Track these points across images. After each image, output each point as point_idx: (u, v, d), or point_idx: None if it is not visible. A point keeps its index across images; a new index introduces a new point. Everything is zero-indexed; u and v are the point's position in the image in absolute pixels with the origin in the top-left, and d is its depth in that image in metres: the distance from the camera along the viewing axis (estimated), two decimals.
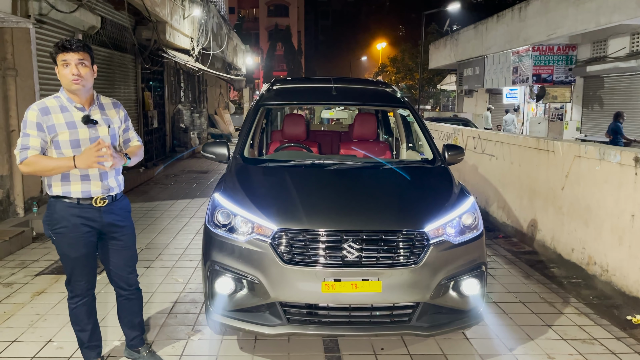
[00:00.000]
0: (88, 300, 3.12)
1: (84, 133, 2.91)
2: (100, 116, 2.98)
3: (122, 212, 3.11)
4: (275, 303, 3.10)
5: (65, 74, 2.83)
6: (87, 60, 2.88)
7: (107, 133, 2.98)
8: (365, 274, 3.03)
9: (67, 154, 2.86)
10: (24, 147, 2.82)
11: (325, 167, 3.80)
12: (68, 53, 2.81)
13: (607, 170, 4.63)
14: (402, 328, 3.14)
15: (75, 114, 2.91)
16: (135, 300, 3.30)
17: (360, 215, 3.19)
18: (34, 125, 2.83)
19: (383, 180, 3.71)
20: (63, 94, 2.93)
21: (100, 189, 2.96)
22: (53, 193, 2.94)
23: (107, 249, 3.12)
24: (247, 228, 3.21)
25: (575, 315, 4.17)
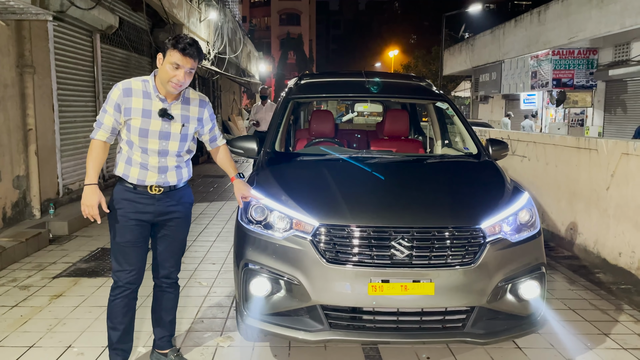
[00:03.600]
0: (129, 295, 2.92)
1: (155, 125, 2.79)
2: (180, 112, 2.85)
3: (179, 201, 2.96)
4: (316, 306, 2.83)
5: (169, 74, 2.70)
6: (195, 68, 2.75)
7: (178, 131, 2.86)
8: (416, 275, 2.76)
9: (134, 140, 2.78)
10: (98, 124, 2.80)
11: (365, 161, 3.54)
12: (185, 58, 2.68)
13: None
14: (455, 335, 2.85)
15: (155, 103, 2.79)
16: (171, 294, 3.11)
17: (410, 211, 2.92)
18: (112, 104, 2.75)
19: (430, 175, 3.44)
20: (152, 81, 2.80)
21: (156, 180, 2.85)
22: (116, 172, 2.88)
23: (157, 237, 2.97)
24: (285, 224, 2.95)
25: (632, 323, 3.85)
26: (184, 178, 2.96)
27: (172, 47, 2.65)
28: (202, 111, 2.94)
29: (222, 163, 3.18)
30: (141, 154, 2.79)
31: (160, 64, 2.72)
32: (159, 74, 2.73)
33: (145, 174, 2.81)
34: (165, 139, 2.79)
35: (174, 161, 2.86)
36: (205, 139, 3.06)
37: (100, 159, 2.80)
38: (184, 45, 2.64)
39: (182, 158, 2.90)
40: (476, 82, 24.46)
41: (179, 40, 2.66)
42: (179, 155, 2.88)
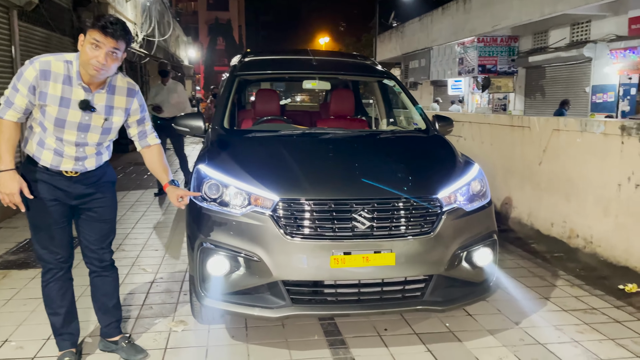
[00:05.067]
0: (62, 276, 2.74)
1: (74, 116, 2.52)
2: (104, 103, 2.58)
3: (99, 181, 2.72)
4: (277, 282, 2.78)
5: (88, 54, 2.41)
6: (121, 50, 2.48)
7: (100, 124, 2.59)
8: (377, 246, 2.77)
9: (48, 127, 2.51)
10: (8, 103, 2.46)
11: (320, 137, 3.50)
12: (106, 37, 2.38)
13: (590, 141, 4.61)
14: (415, 304, 2.90)
15: (76, 91, 2.50)
16: (109, 278, 2.91)
17: (370, 182, 2.92)
18: (26, 84, 2.43)
19: (385, 149, 3.46)
20: (76, 64, 2.49)
21: (72, 166, 2.61)
22: (26, 150, 2.59)
23: (80, 220, 2.75)
24: (243, 200, 2.86)
25: (569, 287, 4.10)
26: (104, 161, 2.74)
27: (92, 25, 2.41)
28: (131, 101, 2.66)
29: (154, 167, 2.83)
30: (56, 141, 2.53)
31: (81, 45, 2.45)
32: (80, 56, 2.46)
33: (60, 161, 2.57)
34: (84, 131, 2.55)
35: (93, 150, 2.63)
36: (133, 133, 2.76)
37: (14, 141, 2.49)
38: (105, 23, 2.39)
39: (102, 145, 2.68)
40: (406, 68, 25.05)
41: (100, 18, 2.43)
42: (100, 144, 2.65)
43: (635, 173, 4.10)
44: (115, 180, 2.91)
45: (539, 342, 3.16)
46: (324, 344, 3.11)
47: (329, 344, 3.12)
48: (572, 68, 14.90)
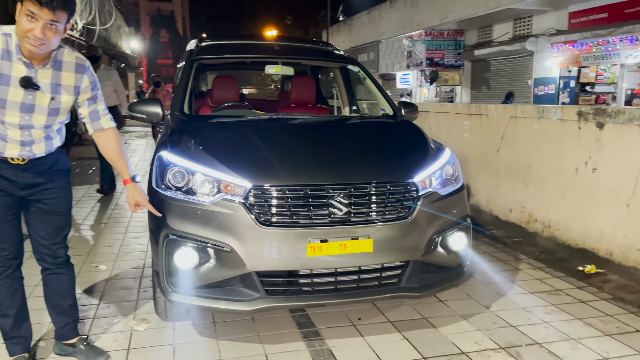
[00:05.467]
0: (11, 274, 2.51)
1: (16, 95, 2.25)
2: (49, 80, 2.31)
3: (50, 169, 2.48)
4: (251, 274, 2.64)
5: (24, 27, 2.13)
6: (62, 22, 2.19)
7: (46, 104, 2.32)
8: (354, 232, 2.68)
9: None
10: None
11: (288, 122, 3.36)
12: (41, 8, 2.10)
13: (547, 127, 4.71)
14: (392, 291, 2.84)
15: (16, 67, 2.23)
16: (64, 276, 2.68)
17: (346, 167, 2.83)
18: None
19: (357, 134, 3.37)
20: (15, 37, 2.22)
21: (19, 152, 2.36)
22: None
23: (30, 213, 2.51)
24: (211, 188, 2.70)
25: (531, 270, 4.17)
26: (55, 146, 2.50)
27: None
28: (80, 78, 2.40)
29: (111, 156, 2.59)
30: None
31: (17, 16, 2.18)
32: (16, 28, 2.20)
33: (4, 146, 2.33)
34: (28, 112, 2.30)
35: (41, 133, 2.38)
36: (84, 114, 2.48)
37: None
38: None
39: (52, 128, 2.43)
40: None
41: None
42: (49, 127, 2.40)
43: (592, 157, 4.22)
44: (70, 168, 2.67)
45: (511, 325, 3.17)
46: (298, 336, 3.00)
47: (303, 335, 3.01)
48: (515, 61, 15.40)
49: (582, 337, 3.01)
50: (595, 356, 2.80)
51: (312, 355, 2.79)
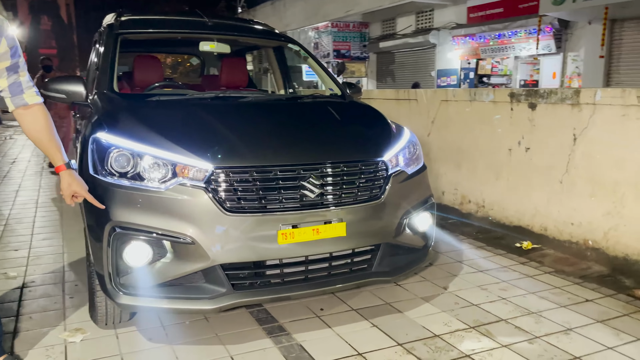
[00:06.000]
0: None
1: None
2: None
3: None
4: (215, 267, 2.35)
5: None
6: None
7: None
8: (327, 216, 2.48)
9: None
10: None
11: (239, 101, 3.07)
12: None
13: (480, 110, 4.81)
14: (364, 277, 2.68)
15: None
16: None
17: (315, 146, 2.62)
18: None
19: (314, 113, 3.15)
20: None
21: None
22: None
23: None
24: (165, 172, 2.36)
25: (474, 249, 4.24)
26: None
27: None
28: None
29: (39, 138, 2.16)
30: None
31: None
32: None
33: None
34: None
35: None
36: (3, 86, 2.07)
37: None
38: None
39: None
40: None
41: None
42: None
43: (525, 137, 4.37)
44: None
45: (472, 304, 3.16)
46: (262, 333, 2.75)
47: (267, 332, 2.76)
48: (419, 53, 15.98)
49: (541, 310, 3.06)
50: (559, 327, 2.85)
51: (282, 353, 2.56)
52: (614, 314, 3.01)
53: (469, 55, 14.11)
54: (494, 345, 2.65)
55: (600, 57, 10.22)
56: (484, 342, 2.69)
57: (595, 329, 2.83)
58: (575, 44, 11.48)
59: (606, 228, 3.75)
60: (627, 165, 3.59)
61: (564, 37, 11.67)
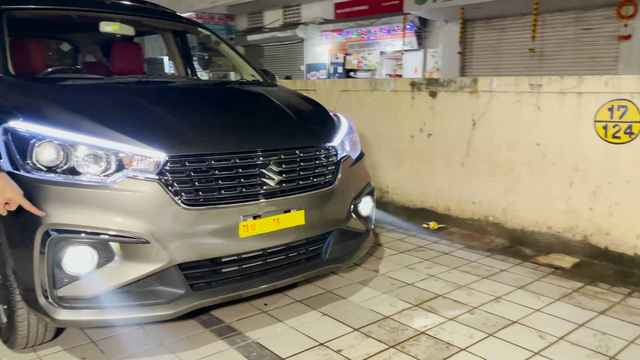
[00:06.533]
0: None
1: None
2: None
3: None
4: (172, 268, 2.11)
5: None
6: None
7: None
8: (287, 204, 2.38)
9: None
10: None
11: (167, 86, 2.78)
12: None
13: (381, 99, 4.98)
14: (319, 265, 2.63)
15: None
16: None
17: (269, 132, 2.48)
18: None
19: (255, 98, 2.99)
20: None
21: None
22: None
23: None
24: (108, 163, 2.07)
25: (387, 232, 4.39)
26: None
27: None
28: None
29: None
30: None
31: None
32: None
33: None
34: None
35: None
36: None
37: None
38: None
39: None
40: None
41: None
42: None
43: (427, 124, 4.62)
44: None
45: (407, 283, 3.27)
46: (212, 336, 2.55)
47: (216, 334, 2.57)
48: (288, 47, 16.12)
49: (468, 283, 3.27)
50: (490, 297, 3.07)
51: (242, 353, 2.40)
52: (528, 280, 3.32)
53: (337, 50, 14.60)
54: (441, 320, 2.76)
55: (459, 53, 11.24)
56: (432, 317, 2.80)
57: (518, 294, 3.10)
58: (433, 41, 12.48)
59: (504, 204, 4.14)
60: (521, 147, 3.99)
61: (424, 35, 12.62)
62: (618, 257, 3.54)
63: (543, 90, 3.81)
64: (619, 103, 3.44)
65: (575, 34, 9.87)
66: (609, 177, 3.54)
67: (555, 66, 10.12)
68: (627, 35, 8.42)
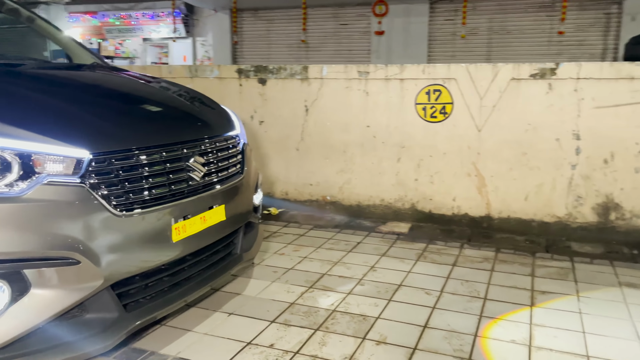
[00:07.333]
0: None
1: None
2: None
3: None
4: (104, 290, 1.73)
5: None
6: None
7: None
8: (210, 200, 2.16)
9: None
10: None
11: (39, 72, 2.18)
12: None
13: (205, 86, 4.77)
14: (237, 261, 2.48)
15: None
16: None
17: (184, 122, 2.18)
18: None
19: (140, 86, 2.53)
20: None
21: None
22: None
23: None
24: (13, 169, 1.57)
25: None
26: None
27: None
28: None
29: None
30: None
31: None
32: None
33: None
34: None
35: None
36: None
37: None
38: None
39: None
40: None
41: None
42: None
43: (257, 111, 4.64)
44: None
45: (288, 268, 3.29)
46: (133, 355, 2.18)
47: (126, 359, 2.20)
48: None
49: (340, 259, 3.47)
50: (366, 267, 3.31)
51: None
52: (384, 248, 3.70)
53: (92, 34, 13.22)
54: (341, 296, 2.89)
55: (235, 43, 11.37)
56: (332, 295, 2.90)
57: (386, 261, 3.43)
58: (202, 29, 12.35)
59: (341, 183, 4.47)
60: (353, 129, 4.35)
61: (191, 23, 12.37)
62: (440, 217, 4.20)
63: (370, 77, 4.22)
64: (434, 87, 4.05)
65: (334, 28, 11.00)
66: (430, 151, 4.15)
67: (319, 57, 11.12)
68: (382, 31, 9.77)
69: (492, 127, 3.95)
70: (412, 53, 9.95)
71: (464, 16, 9.31)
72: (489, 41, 9.84)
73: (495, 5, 9.65)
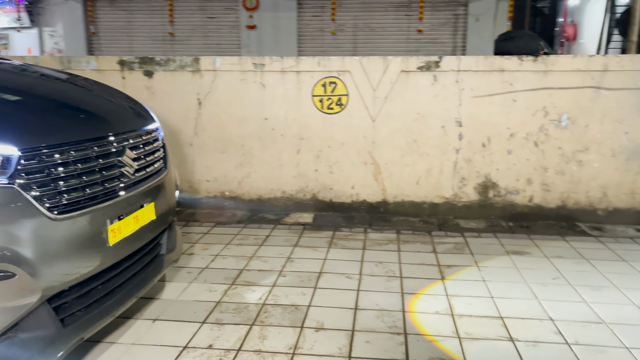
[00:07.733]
0: None
1: None
2: None
3: None
4: (42, 305, 1.52)
5: None
6: None
7: None
8: (141, 198, 1.99)
9: None
10: None
11: None
12: None
13: None
14: (166, 262, 2.31)
15: None
16: None
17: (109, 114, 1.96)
18: None
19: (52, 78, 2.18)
20: None
21: None
22: None
23: None
24: None
25: None
26: None
27: None
28: None
29: None
30: None
31: None
32: None
33: None
34: None
35: None
36: None
37: None
38: None
39: None
40: None
41: None
42: None
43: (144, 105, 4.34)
44: None
45: (202, 267, 3.16)
46: None
47: None
48: None
49: (254, 253, 3.42)
50: (282, 259, 3.30)
51: None
52: (294, 239, 3.72)
53: None
54: (267, 289, 2.85)
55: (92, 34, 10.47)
56: (257, 289, 2.85)
57: (300, 252, 3.46)
58: (50, 18, 11.19)
59: (240, 178, 4.38)
60: (250, 122, 4.29)
61: (36, 11, 11.15)
62: (341, 205, 4.34)
63: (266, 69, 4.19)
64: (330, 80, 4.15)
65: (202, 21, 10.69)
66: (328, 142, 4.25)
67: (187, 50, 10.74)
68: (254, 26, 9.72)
69: (385, 117, 4.17)
70: (283, 48, 10.06)
71: (332, 13, 9.65)
72: (355, 38, 10.33)
73: (360, 3, 10.15)
